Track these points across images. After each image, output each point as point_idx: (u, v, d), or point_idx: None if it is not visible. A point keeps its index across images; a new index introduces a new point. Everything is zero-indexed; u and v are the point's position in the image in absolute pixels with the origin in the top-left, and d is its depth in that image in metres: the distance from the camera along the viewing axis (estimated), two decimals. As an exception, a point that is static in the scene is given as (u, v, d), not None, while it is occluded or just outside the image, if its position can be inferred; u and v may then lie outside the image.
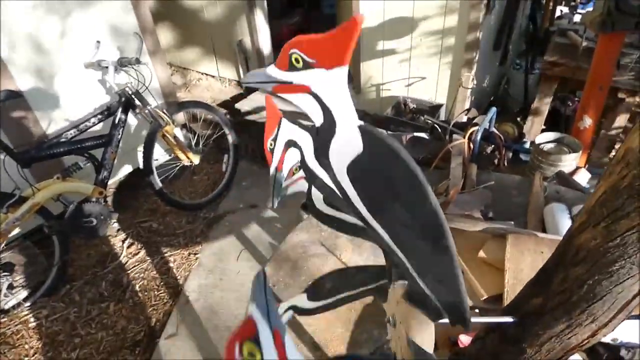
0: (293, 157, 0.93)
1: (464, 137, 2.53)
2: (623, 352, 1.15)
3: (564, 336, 0.74)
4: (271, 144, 0.95)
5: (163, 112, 2.82)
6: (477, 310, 1.27)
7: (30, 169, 2.43)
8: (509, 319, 0.81)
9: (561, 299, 0.72)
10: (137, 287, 2.70)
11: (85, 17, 2.73)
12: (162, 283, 2.72)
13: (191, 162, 3.12)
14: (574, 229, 0.72)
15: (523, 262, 1.29)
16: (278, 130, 0.93)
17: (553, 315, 0.74)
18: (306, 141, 0.85)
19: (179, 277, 2.75)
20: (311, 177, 0.85)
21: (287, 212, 3.13)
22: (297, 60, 0.65)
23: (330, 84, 0.64)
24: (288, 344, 0.61)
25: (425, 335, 0.83)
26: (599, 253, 0.66)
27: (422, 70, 3.64)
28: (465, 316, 0.73)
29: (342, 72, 0.61)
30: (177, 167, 3.24)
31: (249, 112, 4.07)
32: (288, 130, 0.91)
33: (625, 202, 0.62)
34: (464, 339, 1.21)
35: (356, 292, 1.08)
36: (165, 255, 2.90)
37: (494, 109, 2.75)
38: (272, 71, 0.69)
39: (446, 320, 1.08)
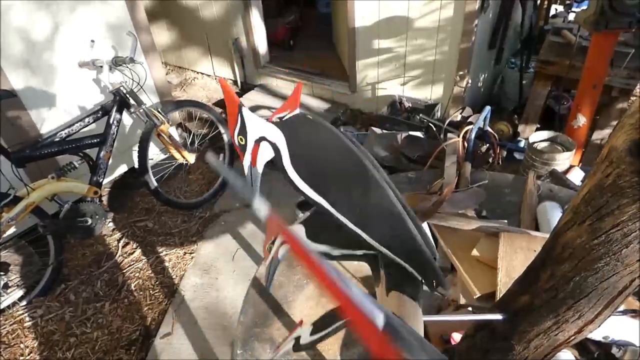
0: (267, 152, 0.90)
1: (459, 136, 2.54)
2: (614, 350, 1.16)
3: (551, 333, 0.75)
4: (241, 139, 0.89)
5: (158, 111, 2.82)
6: (470, 309, 1.28)
7: (24, 168, 2.42)
8: (497, 316, 0.82)
9: (548, 296, 0.73)
10: (132, 287, 2.70)
11: (80, 16, 2.72)
12: (157, 282, 2.73)
13: (187, 161, 3.12)
14: (559, 227, 0.73)
15: (516, 260, 1.30)
16: (242, 120, 0.88)
17: (540, 312, 0.74)
18: (278, 137, 0.87)
19: (174, 277, 2.75)
20: (289, 181, 0.91)
21: (283, 211, 3.14)
22: (241, 139, 0.91)
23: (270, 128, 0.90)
24: None
25: (415, 326, 0.84)
26: (585, 250, 0.67)
27: (417, 69, 3.65)
28: (436, 272, 0.83)
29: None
30: (173, 166, 3.24)
31: (244, 111, 4.06)
32: (257, 127, 0.89)
33: (609, 200, 0.62)
34: (456, 337, 1.22)
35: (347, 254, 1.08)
36: (161, 254, 2.90)
37: (488, 108, 2.76)
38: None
39: (439, 317, 1.09)
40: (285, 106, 0.91)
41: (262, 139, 0.90)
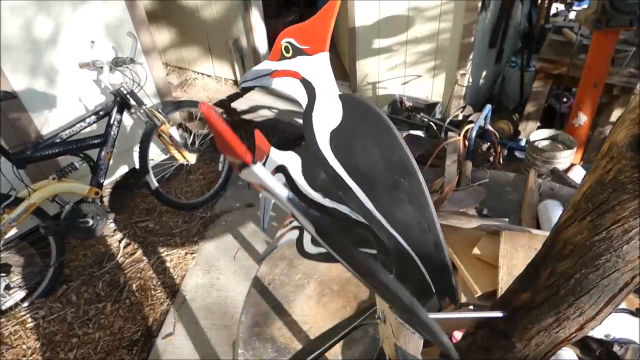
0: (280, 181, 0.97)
1: (459, 135, 2.54)
2: (616, 348, 1.15)
3: (552, 330, 0.75)
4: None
5: (158, 112, 2.82)
6: (471, 307, 1.28)
7: (25, 169, 2.43)
8: (498, 314, 0.81)
9: (549, 293, 0.73)
10: (134, 287, 2.70)
11: (80, 17, 2.73)
12: (159, 283, 2.73)
13: (187, 161, 3.12)
14: (560, 224, 0.72)
15: (517, 258, 1.29)
16: (266, 159, 0.95)
17: (541, 310, 0.74)
18: (293, 161, 0.91)
19: (175, 277, 2.75)
20: (300, 196, 0.89)
21: (283, 211, 3.14)
22: (287, 49, 0.75)
23: (315, 67, 0.73)
24: None
25: (414, 338, 0.83)
26: (585, 247, 0.66)
27: (417, 69, 3.64)
28: (450, 281, 0.78)
29: (324, 56, 0.73)
30: (173, 167, 3.24)
31: (245, 111, 4.07)
32: (276, 157, 0.94)
33: (610, 196, 0.62)
34: (458, 335, 1.22)
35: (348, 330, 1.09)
36: (162, 255, 2.90)
37: (489, 107, 2.76)
38: (266, 64, 0.78)
39: (438, 315, 1.08)
40: (306, 36, 0.78)
41: (279, 169, 0.91)
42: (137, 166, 2.91)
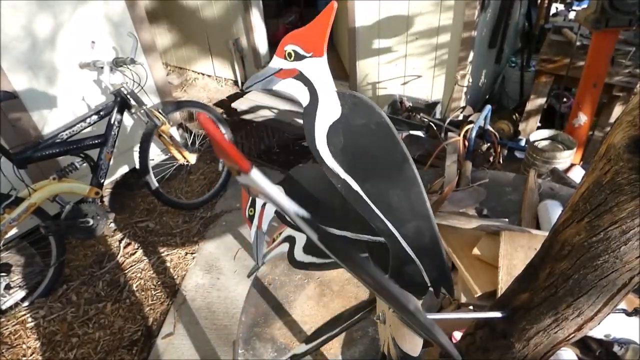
0: (269, 213, 1.07)
1: (459, 135, 2.54)
2: (616, 348, 1.15)
3: (550, 330, 0.75)
4: (250, 211, 1.07)
5: (159, 112, 2.83)
6: (470, 307, 1.28)
7: (26, 169, 2.43)
8: (497, 315, 0.82)
9: (547, 294, 0.73)
10: (134, 287, 2.71)
11: (80, 17, 2.73)
12: (159, 283, 2.73)
13: (187, 161, 3.12)
14: (558, 225, 0.72)
15: (517, 258, 1.30)
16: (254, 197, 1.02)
17: (540, 310, 0.74)
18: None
19: (175, 277, 2.76)
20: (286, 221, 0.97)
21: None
22: (290, 55, 0.82)
23: (314, 67, 0.81)
24: None
25: (414, 337, 0.84)
26: (584, 248, 0.67)
27: (417, 69, 3.65)
28: (447, 275, 0.80)
29: (323, 60, 0.80)
30: (174, 167, 3.25)
31: (245, 112, 4.08)
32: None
33: (607, 197, 0.62)
34: (457, 335, 1.22)
35: (347, 324, 1.12)
36: (162, 254, 2.91)
37: (489, 107, 2.76)
38: (274, 62, 0.84)
39: (438, 315, 1.09)
40: (307, 42, 0.83)
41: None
42: (138, 166, 2.91)
